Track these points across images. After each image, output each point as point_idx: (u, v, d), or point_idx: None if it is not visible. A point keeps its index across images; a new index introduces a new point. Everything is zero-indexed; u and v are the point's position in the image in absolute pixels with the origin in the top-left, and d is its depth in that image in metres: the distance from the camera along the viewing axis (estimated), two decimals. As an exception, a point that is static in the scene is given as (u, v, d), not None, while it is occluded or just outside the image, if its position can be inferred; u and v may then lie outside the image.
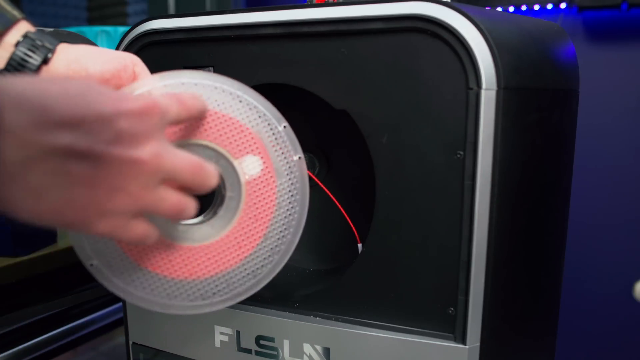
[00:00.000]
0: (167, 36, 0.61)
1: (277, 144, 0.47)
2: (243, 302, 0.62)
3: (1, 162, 0.27)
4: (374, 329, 0.56)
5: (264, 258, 0.48)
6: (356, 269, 0.56)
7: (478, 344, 0.52)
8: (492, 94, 0.48)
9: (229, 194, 0.46)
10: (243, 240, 0.47)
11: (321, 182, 0.69)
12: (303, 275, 0.71)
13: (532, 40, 0.55)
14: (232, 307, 0.62)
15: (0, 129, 0.27)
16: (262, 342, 0.61)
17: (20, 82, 0.29)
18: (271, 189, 0.47)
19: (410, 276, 0.54)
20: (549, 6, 1.16)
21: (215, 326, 0.63)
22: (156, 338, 0.68)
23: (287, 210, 0.48)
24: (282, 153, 0.47)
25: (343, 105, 0.54)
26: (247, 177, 0.46)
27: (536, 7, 1.18)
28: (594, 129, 1.18)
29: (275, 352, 0.60)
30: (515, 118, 0.50)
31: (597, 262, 1.23)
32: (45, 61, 0.44)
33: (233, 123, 0.45)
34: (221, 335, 0.63)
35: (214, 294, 0.48)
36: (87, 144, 0.30)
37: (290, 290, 0.64)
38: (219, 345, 0.63)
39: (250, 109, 0.46)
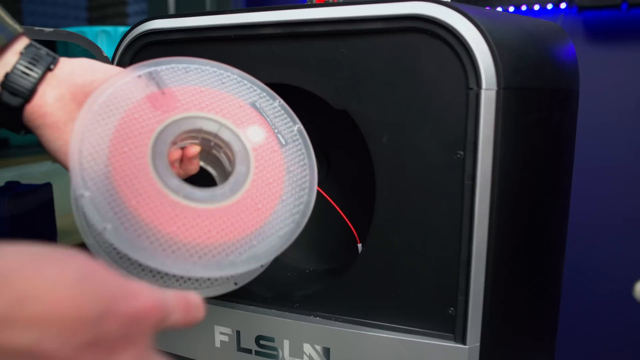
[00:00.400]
0: (167, 36, 0.61)
1: (276, 116, 0.49)
2: (243, 302, 0.62)
3: None
4: (374, 329, 0.56)
5: (285, 218, 0.48)
6: (356, 269, 0.56)
7: (478, 344, 0.52)
8: (492, 94, 0.48)
9: (238, 162, 0.47)
10: (260, 202, 0.47)
11: (321, 182, 0.69)
12: (303, 275, 0.71)
13: (532, 40, 0.55)
14: (232, 307, 0.62)
15: None
16: (262, 342, 0.61)
17: (11, 262, 0.25)
18: (278, 155, 0.48)
19: (410, 276, 0.54)
20: (549, 6, 1.16)
21: (215, 326, 0.63)
22: (156, 338, 0.68)
23: (298, 173, 0.49)
24: (283, 124, 0.49)
25: (343, 105, 0.54)
26: (252, 144, 0.47)
27: (536, 7, 1.18)
28: (594, 129, 1.18)
29: (275, 352, 0.60)
30: (515, 118, 0.50)
31: (597, 262, 1.23)
32: (50, 69, 0.45)
33: (233, 99, 0.48)
34: (221, 335, 0.63)
35: (240, 254, 0.45)
36: (53, 346, 0.25)
37: (290, 290, 0.64)
38: (219, 345, 0.63)
39: (247, 87, 0.49)
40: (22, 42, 0.46)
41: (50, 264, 0.26)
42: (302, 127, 0.50)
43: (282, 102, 0.50)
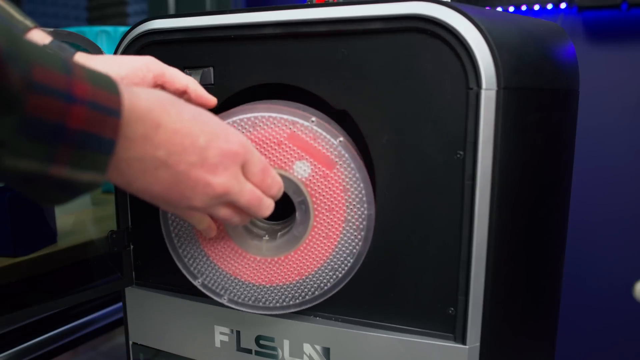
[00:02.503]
0: (167, 36, 0.61)
1: (317, 137, 0.52)
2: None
3: (117, 155, 0.35)
4: (374, 329, 0.56)
5: (349, 245, 0.53)
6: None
7: (478, 344, 0.52)
8: (492, 94, 0.48)
9: (297, 199, 0.53)
10: (328, 231, 0.53)
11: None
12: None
13: (532, 40, 0.55)
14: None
15: (123, 136, 0.35)
16: (262, 342, 0.61)
17: (146, 100, 0.37)
18: (331, 178, 0.52)
19: (411, 276, 0.54)
20: (549, 6, 1.17)
21: (215, 326, 0.63)
22: (156, 338, 0.68)
23: (355, 189, 0.52)
24: (325, 142, 0.51)
25: (343, 105, 0.54)
26: (302, 178, 0.52)
27: (536, 7, 1.18)
28: (594, 129, 1.18)
29: (275, 352, 0.60)
30: (515, 118, 0.50)
31: (597, 261, 1.23)
32: None
33: (269, 139, 0.52)
34: (221, 335, 0.63)
35: (315, 289, 0.55)
36: (174, 160, 0.39)
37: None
38: (219, 345, 0.63)
39: (278, 120, 0.52)
40: (36, 38, 0.46)
41: (174, 105, 0.39)
42: (344, 140, 0.51)
43: (316, 119, 0.52)
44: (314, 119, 0.52)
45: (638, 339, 1.22)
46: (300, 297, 0.56)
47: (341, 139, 0.51)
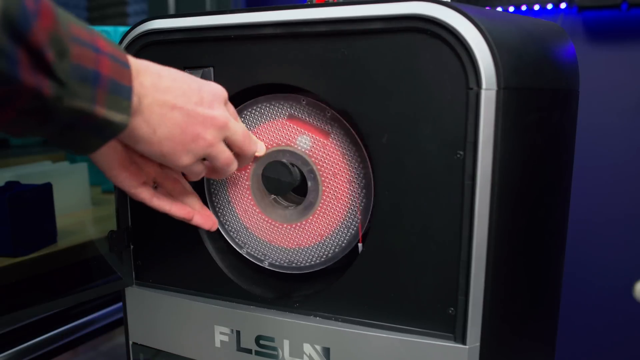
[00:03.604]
0: (167, 36, 0.61)
1: (310, 114, 0.58)
2: (243, 302, 0.62)
3: (141, 104, 0.42)
4: (374, 329, 0.56)
5: (357, 197, 0.58)
6: (356, 269, 0.56)
7: (478, 344, 0.52)
8: (492, 94, 0.48)
9: (305, 169, 0.59)
10: (336, 192, 0.59)
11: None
12: (303, 275, 0.71)
13: (532, 40, 0.55)
14: (232, 307, 0.62)
15: (138, 84, 0.42)
16: (262, 342, 0.61)
17: (142, 60, 0.44)
18: (329, 145, 0.58)
19: (410, 276, 0.54)
20: (549, 6, 1.17)
21: (215, 326, 0.63)
22: (156, 338, 0.68)
23: (350, 150, 0.57)
24: (318, 118, 0.58)
25: (343, 105, 0.54)
26: (305, 151, 0.59)
27: (536, 7, 1.18)
28: (594, 129, 1.18)
29: (275, 352, 0.60)
30: (515, 118, 0.50)
31: (597, 261, 1.24)
32: None
33: (275, 124, 0.60)
34: (221, 335, 0.63)
35: (335, 248, 0.61)
36: (182, 102, 0.45)
37: (290, 290, 0.64)
38: (219, 345, 0.63)
39: (278, 106, 0.60)
40: None
41: (171, 69, 0.46)
42: (333, 113, 0.57)
43: (306, 99, 0.58)
44: (304, 100, 0.58)
45: (638, 339, 1.22)
46: (324, 256, 0.61)
47: (329, 112, 0.57)
